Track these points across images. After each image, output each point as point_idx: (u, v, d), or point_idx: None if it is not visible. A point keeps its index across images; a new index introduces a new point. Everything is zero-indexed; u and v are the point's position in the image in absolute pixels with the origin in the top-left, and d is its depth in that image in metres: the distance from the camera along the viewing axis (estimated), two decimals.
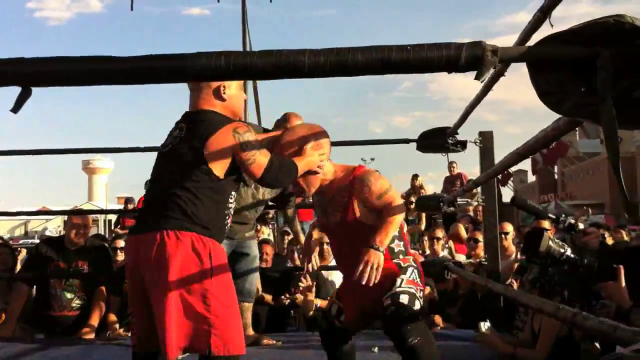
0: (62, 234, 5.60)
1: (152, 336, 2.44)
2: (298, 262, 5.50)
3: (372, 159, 32.50)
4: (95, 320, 4.72)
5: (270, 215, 9.08)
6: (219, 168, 2.47)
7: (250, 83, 7.25)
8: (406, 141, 4.87)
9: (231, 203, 2.59)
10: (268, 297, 5.31)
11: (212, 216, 2.48)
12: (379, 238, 2.71)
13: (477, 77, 1.18)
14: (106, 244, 5.79)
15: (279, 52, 1.08)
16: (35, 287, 4.97)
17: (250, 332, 4.13)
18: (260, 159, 2.49)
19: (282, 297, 5.19)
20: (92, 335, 4.64)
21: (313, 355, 3.73)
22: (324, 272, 5.50)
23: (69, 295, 4.75)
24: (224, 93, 2.60)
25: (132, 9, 7.18)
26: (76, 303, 4.76)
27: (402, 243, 2.96)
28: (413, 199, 8.57)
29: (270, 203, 4.28)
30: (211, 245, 2.44)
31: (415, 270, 2.91)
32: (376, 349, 3.77)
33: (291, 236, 6.90)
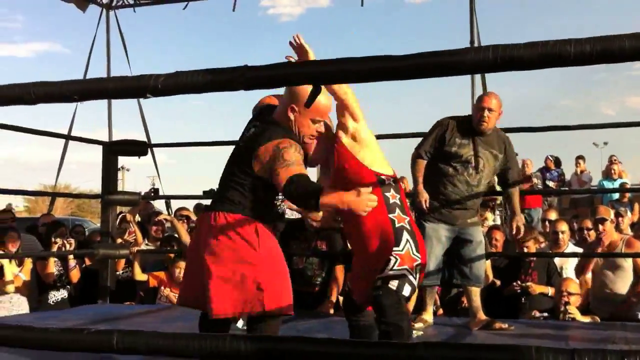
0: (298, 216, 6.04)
1: (197, 296, 2.79)
2: (528, 250, 5.39)
3: (605, 143, 30.47)
4: (334, 296, 5.05)
5: (498, 202, 8.94)
6: (261, 172, 2.68)
7: (478, 77, 7.15)
8: None
9: (275, 199, 2.82)
10: (498, 283, 5.30)
11: (257, 204, 2.74)
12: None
13: None
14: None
15: (544, 42, 1.14)
16: None
17: (482, 316, 4.17)
18: (287, 171, 2.56)
19: (515, 284, 5.13)
20: (331, 310, 4.98)
21: (548, 344, 3.68)
22: (556, 260, 5.36)
23: (309, 273, 5.14)
24: (291, 114, 2.74)
25: (362, 4, 7.47)
26: (316, 280, 5.14)
27: (398, 196, 2.93)
28: None
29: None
30: (257, 224, 2.73)
31: (410, 239, 2.88)
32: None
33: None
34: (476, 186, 4.06)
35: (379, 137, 4.50)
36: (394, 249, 2.85)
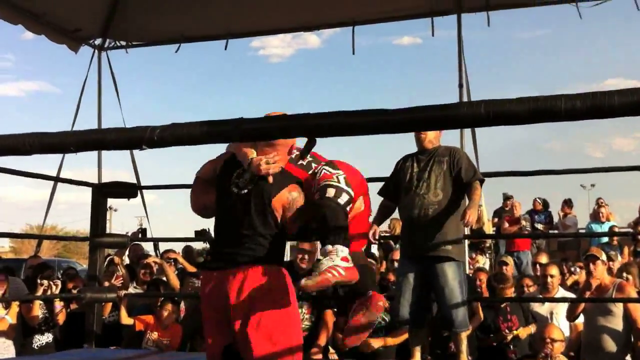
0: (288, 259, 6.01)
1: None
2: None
3: (593, 185, 30.74)
4: (322, 341, 5.00)
5: (488, 244, 8.93)
6: None
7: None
8: (637, 168, 4.62)
9: None
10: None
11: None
12: None
13: None
14: None
15: (535, 98, 1.16)
16: None
17: None
18: None
19: (505, 332, 5.11)
20: (319, 356, 4.92)
21: None
22: (546, 305, 5.36)
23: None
24: None
25: (353, 53, 7.59)
26: (305, 324, 5.08)
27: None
28: None
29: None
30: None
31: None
32: None
33: (509, 266, 6.78)
34: (426, 194, 4.01)
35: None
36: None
